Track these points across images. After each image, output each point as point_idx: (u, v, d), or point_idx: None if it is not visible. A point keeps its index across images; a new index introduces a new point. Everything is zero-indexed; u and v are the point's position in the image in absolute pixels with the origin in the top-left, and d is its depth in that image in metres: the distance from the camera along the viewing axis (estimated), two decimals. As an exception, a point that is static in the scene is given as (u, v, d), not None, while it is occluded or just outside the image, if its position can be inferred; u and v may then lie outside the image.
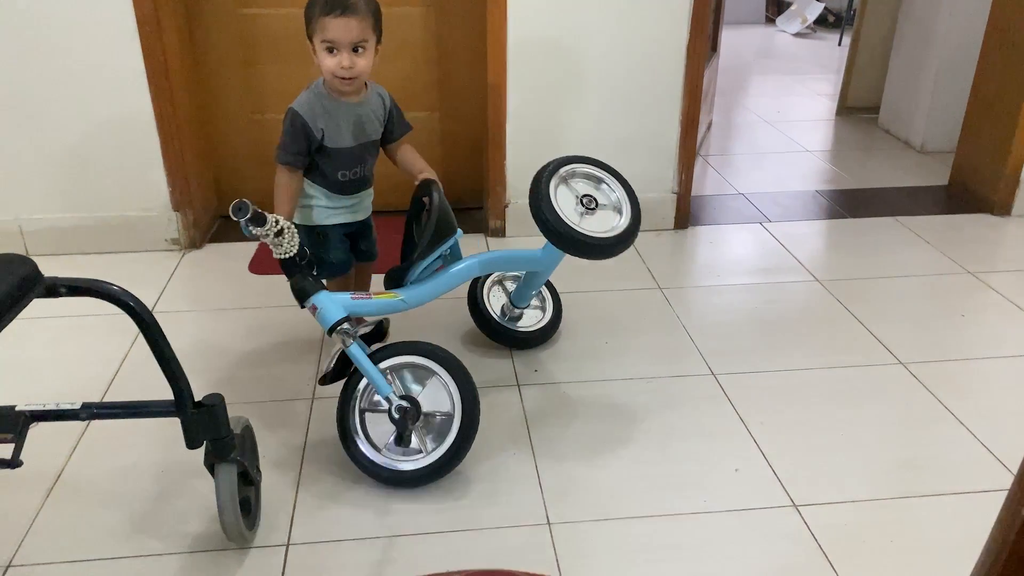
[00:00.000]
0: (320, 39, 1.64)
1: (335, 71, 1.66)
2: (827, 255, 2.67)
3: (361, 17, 1.62)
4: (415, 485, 1.60)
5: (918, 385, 1.94)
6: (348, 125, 1.75)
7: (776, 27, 6.79)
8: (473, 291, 2.07)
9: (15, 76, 2.36)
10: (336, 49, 1.64)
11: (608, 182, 1.85)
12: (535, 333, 2.08)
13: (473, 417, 1.58)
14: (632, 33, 2.54)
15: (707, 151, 3.67)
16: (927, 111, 3.58)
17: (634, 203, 1.83)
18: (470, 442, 1.59)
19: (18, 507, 1.54)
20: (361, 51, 1.66)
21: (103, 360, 2.01)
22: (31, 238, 2.54)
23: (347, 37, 1.62)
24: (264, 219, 1.49)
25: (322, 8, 1.62)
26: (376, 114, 1.81)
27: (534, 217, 1.73)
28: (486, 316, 2.05)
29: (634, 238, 1.78)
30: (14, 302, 1.08)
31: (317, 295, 1.60)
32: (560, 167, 1.80)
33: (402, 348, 1.64)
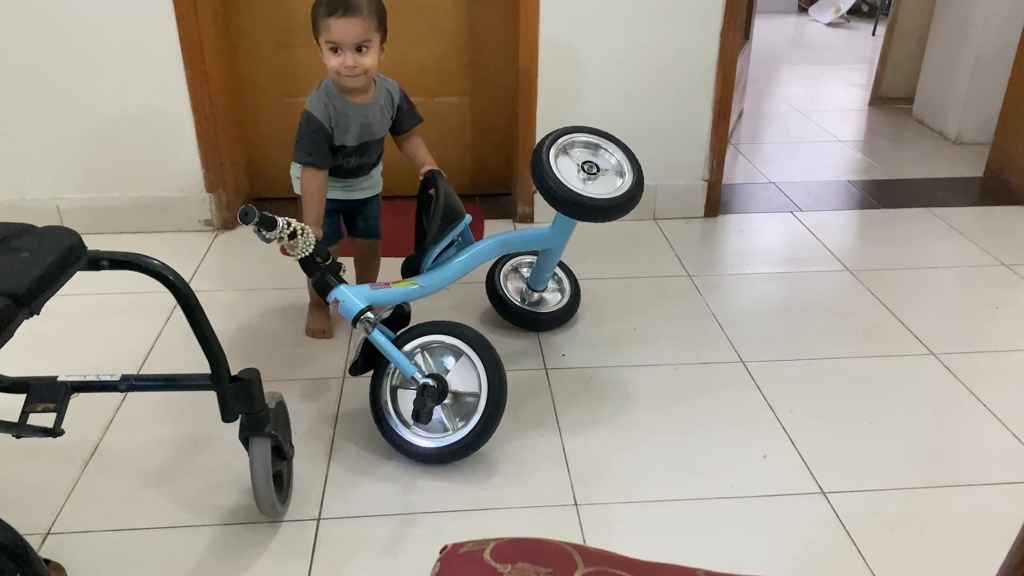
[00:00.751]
0: (324, 39, 1.68)
1: (340, 70, 1.68)
2: (858, 245, 2.65)
3: (364, 17, 1.65)
4: (441, 462, 1.61)
5: (949, 376, 1.92)
6: (356, 126, 1.78)
7: (809, 16, 6.71)
8: (491, 280, 2.10)
9: (53, 58, 2.40)
10: (340, 49, 1.67)
11: (606, 147, 1.88)
12: (556, 313, 2.10)
13: (499, 397, 1.59)
14: (666, 21, 2.53)
15: (738, 140, 3.65)
16: (963, 101, 3.53)
17: (635, 164, 1.86)
18: (496, 422, 1.60)
19: (58, 476, 1.58)
20: (365, 50, 1.68)
21: (139, 335, 2.05)
22: (68, 216, 2.59)
23: (350, 37, 1.65)
24: (275, 222, 1.52)
25: (325, 9, 1.65)
26: (384, 111, 1.84)
27: (539, 189, 1.78)
28: (505, 302, 2.08)
29: (639, 197, 1.82)
30: (61, 272, 1.11)
31: (337, 289, 1.63)
32: (558, 138, 1.84)
33: (429, 328, 1.66)
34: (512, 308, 2.08)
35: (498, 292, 2.08)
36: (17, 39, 2.37)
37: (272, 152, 2.85)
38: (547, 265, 2.04)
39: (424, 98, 2.79)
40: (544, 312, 2.10)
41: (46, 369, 1.38)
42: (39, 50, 2.39)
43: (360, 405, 1.76)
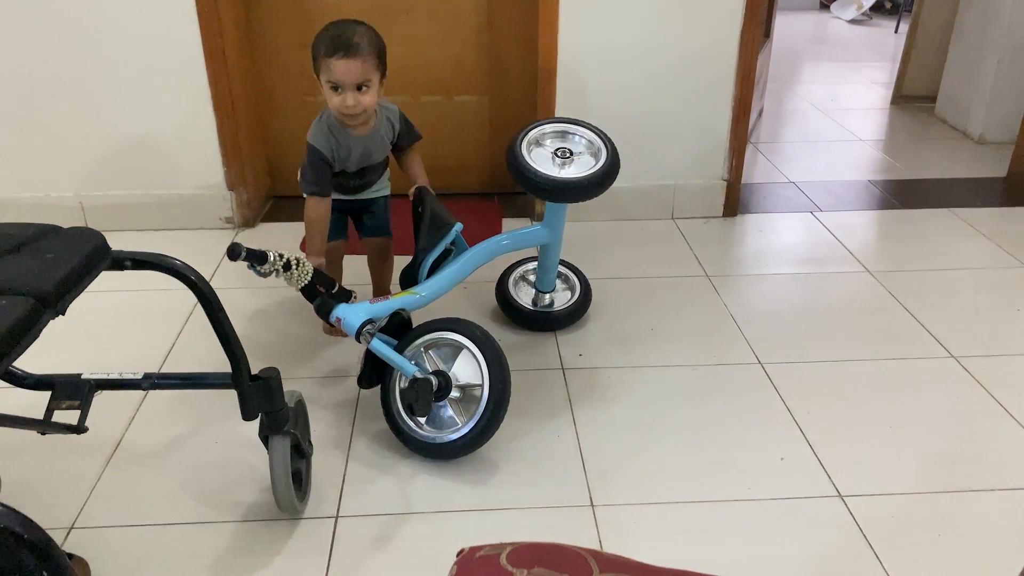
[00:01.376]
0: (325, 79, 1.70)
1: (340, 108, 1.72)
2: (879, 246, 2.63)
3: (364, 58, 1.68)
4: (450, 457, 1.63)
5: (970, 379, 1.91)
6: (356, 154, 1.84)
7: (831, 13, 6.66)
8: (501, 290, 2.13)
9: (77, 58, 2.43)
10: (341, 88, 1.70)
11: (575, 132, 1.93)
12: (568, 309, 2.11)
13: (501, 387, 1.59)
14: (685, 20, 2.52)
15: (758, 138, 3.63)
16: (987, 100, 3.49)
17: (608, 142, 1.90)
18: (501, 413, 1.60)
19: (81, 472, 1.61)
20: (365, 89, 1.71)
21: (161, 333, 2.07)
22: (91, 214, 2.62)
23: (350, 78, 1.68)
24: (264, 256, 1.57)
25: (326, 49, 1.67)
26: (385, 139, 1.89)
27: (519, 182, 1.84)
28: (518, 308, 2.11)
29: (617, 170, 1.86)
30: (86, 273, 1.13)
31: (337, 308, 1.67)
32: (528, 132, 1.90)
33: (428, 327, 1.68)
34: (525, 313, 2.11)
35: (509, 300, 2.11)
36: (41, 39, 2.40)
37: (292, 150, 2.87)
38: (549, 264, 2.07)
39: (442, 97, 2.80)
40: (556, 310, 2.11)
41: (70, 366, 1.41)
42: (63, 50, 2.42)
43: (378, 404, 1.77)
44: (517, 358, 1.99)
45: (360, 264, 2.16)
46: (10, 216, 2.55)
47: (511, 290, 2.14)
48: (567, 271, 2.21)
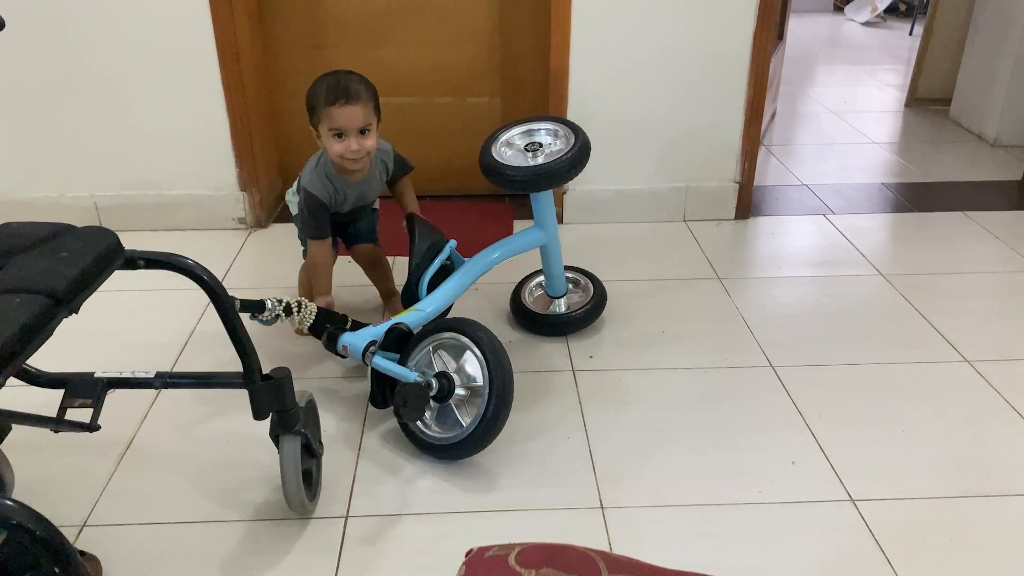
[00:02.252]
0: (327, 127, 1.75)
1: (344, 154, 1.76)
2: (892, 249, 2.62)
3: (364, 103, 1.73)
4: (456, 457, 1.63)
5: (984, 383, 1.89)
6: (351, 200, 1.89)
7: (845, 16, 6.63)
8: (517, 304, 2.13)
9: (92, 58, 2.45)
10: (344, 135, 1.74)
11: (539, 127, 1.95)
12: (583, 311, 2.09)
13: (502, 387, 1.57)
14: (698, 21, 2.51)
15: (771, 141, 3.62)
16: (1002, 103, 3.46)
17: (574, 127, 1.91)
18: (503, 412, 1.58)
19: (94, 470, 1.62)
20: (367, 133, 1.76)
21: (173, 332, 2.09)
22: (105, 214, 2.64)
23: (354, 123, 1.73)
24: (262, 305, 1.64)
25: (326, 99, 1.72)
26: (380, 179, 1.94)
27: (499, 183, 1.86)
28: (535, 317, 2.10)
29: (587, 151, 1.87)
30: (100, 272, 1.13)
31: (342, 337, 1.74)
32: (494, 140, 1.92)
33: (433, 329, 1.69)
34: (541, 320, 2.10)
35: (524, 310, 2.11)
36: (57, 40, 2.42)
37: (305, 151, 2.85)
38: (553, 266, 2.07)
39: (454, 98, 2.80)
40: (569, 313, 2.10)
41: (83, 364, 1.42)
42: (79, 51, 2.44)
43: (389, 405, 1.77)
44: (528, 360, 1.99)
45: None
46: (26, 215, 2.56)
47: (526, 300, 2.14)
48: (578, 276, 2.20)
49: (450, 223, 2.67)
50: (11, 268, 1.11)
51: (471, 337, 1.62)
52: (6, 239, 1.18)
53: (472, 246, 1.97)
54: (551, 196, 1.97)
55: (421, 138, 2.02)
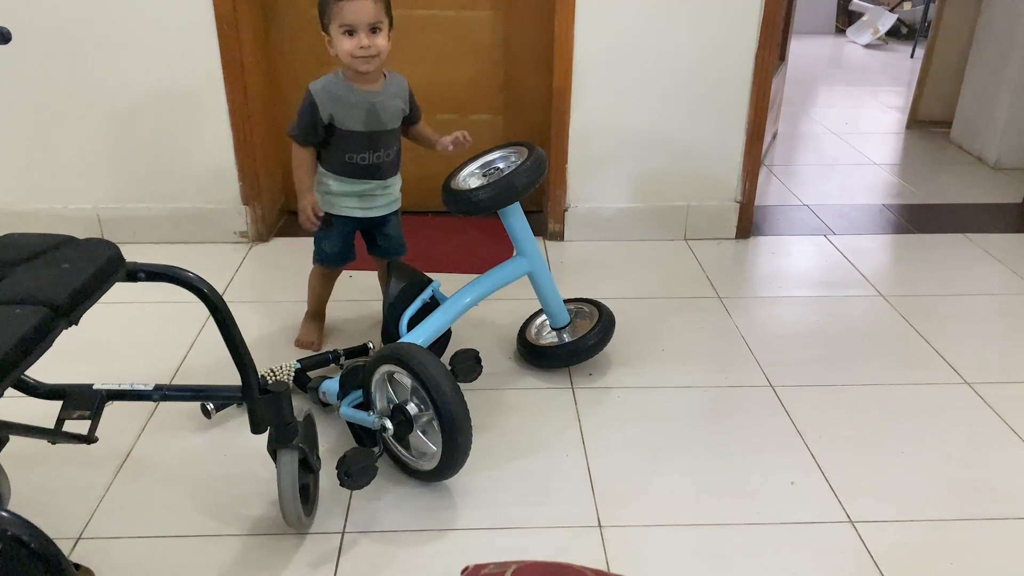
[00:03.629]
0: (338, 24, 1.71)
1: (354, 52, 1.72)
2: (893, 270, 2.62)
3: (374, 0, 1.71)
4: (433, 481, 1.61)
5: (983, 406, 1.89)
6: (360, 112, 1.81)
7: (846, 38, 6.67)
8: (525, 342, 2.04)
9: (97, 72, 2.46)
10: (354, 31, 1.71)
11: (491, 156, 1.89)
12: (596, 332, 1.99)
13: (448, 412, 1.47)
14: (700, 41, 2.53)
15: (772, 161, 3.63)
16: (1003, 126, 3.48)
17: (527, 145, 1.84)
18: (459, 437, 1.50)
19: (90, 482, 1.61)
20: (378, 31, 1.72)
21: (173, 344, 2.08)
22: (108, 226, 2.64)
23: (364, 18, 1.70)
24: None
25: None
26: (399, 98, 1.86)
27: (467, 211, 1.77)
28: (546, 351, 2.02)
29: (543, 163, 1.79)
30: (100, 284, 1.13)
31: (322, 385, 1.77)
32: (455, 175, 1.86)
33: (372, 362, 1.59)
34: (552, 354, 2.01)
35: (536, 348, 2.02)
36: (64, 53, 2.44)
37: (307, 166, 2.89)
38: (547, 296, 1.97)
39: (457, 115, 2.82)
40: (585, 339, 1.99)
41: (82, 376, 1.42)
42: (86, 64, 2.45)
43: (387, 420, 1.77)
44: (527, 377, 1.99)
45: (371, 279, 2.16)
46: (29, 227, 2.55)
47: (535, 336, 2.06)
48: (581, 305, 2.10)
49: (452, 240, 2.69)
50: (12, 279, 1.11)
51: (405, 366, 1.52)
52: (7, 250, 1.19)
53: (473, 264, 1.96)
54: (523, 219, 1.86)
55: (424, 154, 2.02)
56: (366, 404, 1.64)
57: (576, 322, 2.06)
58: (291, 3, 2.66)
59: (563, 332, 2.04)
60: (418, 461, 1.60)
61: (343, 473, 1.45)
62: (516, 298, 2.15)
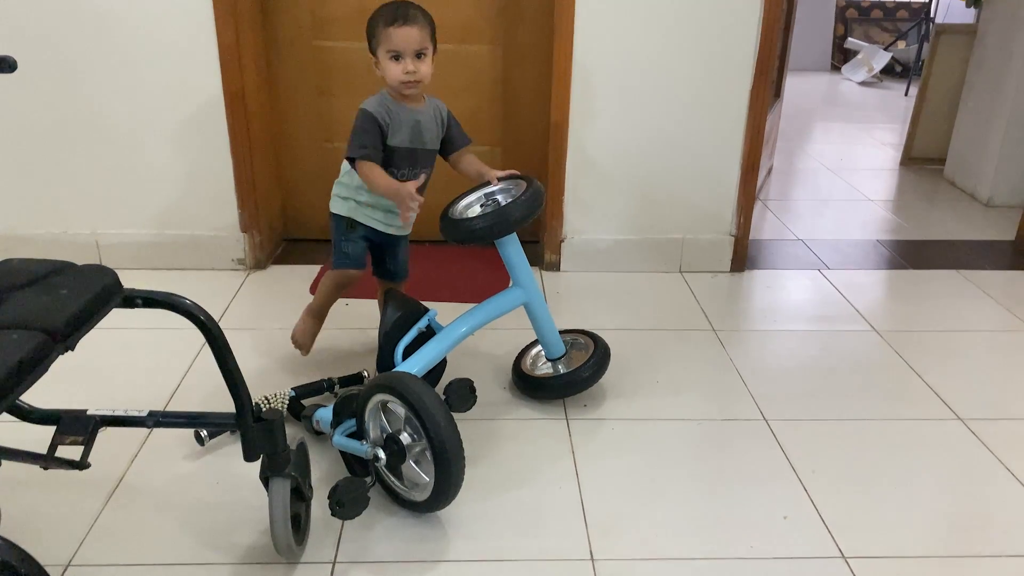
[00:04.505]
0: (385, 49, 1.79)
1: (400, 77, 1.79)
2: (886, 305, 2.63)
3: (421, 26, 1.78)
4: (425, 512, 1.60)
5: (977, 442, 1.89)
6: (407, 128, 1.85)
7: (842, 75, 6.75)
8: (520, 372, 2.04)
9: (99, 97, 2.49)
10: (401, 57, 1.78)
11: (490, 188, 1.89)
12: (591, 364, 1.99)
13: (440, 442, 1.47)
14: (697, 77, 2.57)
15: (767, 195, 3.66)
16: (995, 164, 3.52)
17: (526, 178, 1.86)
18: (452, 467, 1.49)
19: (81, 508, 1.60)
20: (423, 57, 1.80)
21: (169, 370, 2.09)
22: (106, 251, 2.66)
23: (410, 45, 1.77)
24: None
25: (386, 20, 1.77)
26: (435, 121, 1.91)
27: (468, 240, 1.77)
28: (541, 382, 2.02)
29: (540, 194, 1.80)
30: (98, 310, 1.14)
31: (316, 413, 1.77)
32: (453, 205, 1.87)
33: (366, 391, 1.59)
34: (547, 385, 2.01)
35: (533, 379, 2.02)
36: (66, 79, 2.46)
37: (307, 194, 2.91)
38: (543, 326, 1.97)
39: (456, 147, 2.84)
40: (580, 370, 1.99)
41: (76, 401, 1.42)
42: (88, 91, 2.48)
43: (380, 449, 1.77)
44: (521, 407, 1.99)
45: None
46: (28, 251, 2.57)
47: (531, 368, 2.06)
48: (577, 336, 2.10)
49: (448, 269, 2.70)
50: (10, 304, 1.12)
51: (399, 396, 1.52)
52: (6, 275, 1.20)
53: (470, 293, 1.97)
54: (520, 249, 1.87)
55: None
56: (359, 433, 1.64)
57: (572, 353, 2.06)
58: (293, 35, 2.70)
59: (558, 363, 2.04)
60: (410, 491, 1.60)
61: (335, 503, 1.45)
62: (511, 327, 2.16)
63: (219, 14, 2.40)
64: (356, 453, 1.63)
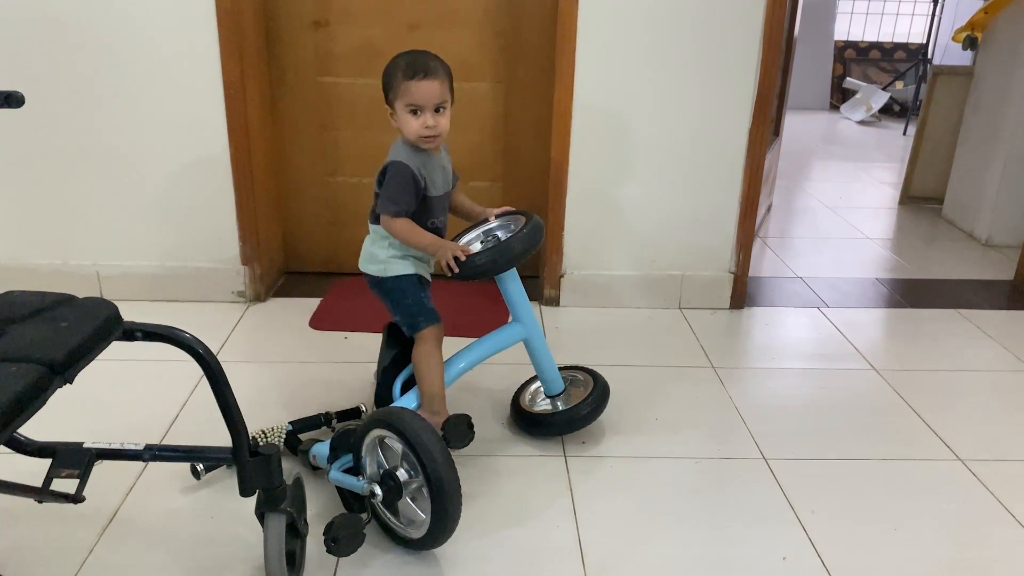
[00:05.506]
0: (404, 103, 1.69)
1: (420, 132, 1.70)
2: (886, 344, 2.63)
3: (441, 80, 1.70)
4: (426, 548, 1.58)
5: (977, 483, 1.88)
6: (439, 175, 1.79)
7: (840, 114, 6.81)
8: (518, 409, 2.04)
9: (104, 128, 2.51)
10: (420, 111, 1.69)
11: (488, 225, 1.89)
12: (590, 402, 1.98)
13: (438, 479, 1.46)
14: (695, 116, 2.59)
15: (766, 233, 3.67)
16: (993, 204, 3.54)
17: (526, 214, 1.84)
18: (449, 505, 1.48)
19: (75, 542, 1.59)
20: (442, 111, 1.72)
21: (166, 402, 2.08)
22: (107, 283, 2.66)
23: (430, 99, 1.69)
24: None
25: (405, 73, 1.68)
26: (449, 161, 1.88)
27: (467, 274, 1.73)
28: (539, 419, 2.01)
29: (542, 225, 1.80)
30: (98, 343, 1.14)
31: (312, 448, 1.79)
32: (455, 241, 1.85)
33: (363, 426, 1.59)
34: (545, 422, 2.00)
35: (531, 416, 2.01)
36: (72, 112, 2.49)
37: (308, 228, 2.93)
38: (542, 363, 1.97)
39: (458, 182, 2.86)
40: (580, 406, 1.98)
41: (73, 434, 1.41)
42: (93, 123, 2.50)
43: (377, 484, 1.76)
44: (519, 444, 1.99)
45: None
46: (30, 282, 2.59)
47: (529, 405, 2.05)
48: (576, 373, 2.09)
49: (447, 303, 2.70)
50: (10, 336, 1.12)
51: (396, 432, 1.51)
52: (7, 307, 1.20)
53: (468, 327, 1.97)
54: (520, 285, 1.87)
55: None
56: (356, 469, 1.63)
57: (570, 390, 2.05)
58: (297, 71, 2.73)
59: (557, 400, 2.03)
60: (407, 528, 1.58)
61: (330, 539, 1.44)
62: (510, 362, 2.15)
63: (225, 50, 2.44)
64: (352, 489, 1.62)
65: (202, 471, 1.75)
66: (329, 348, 2.41)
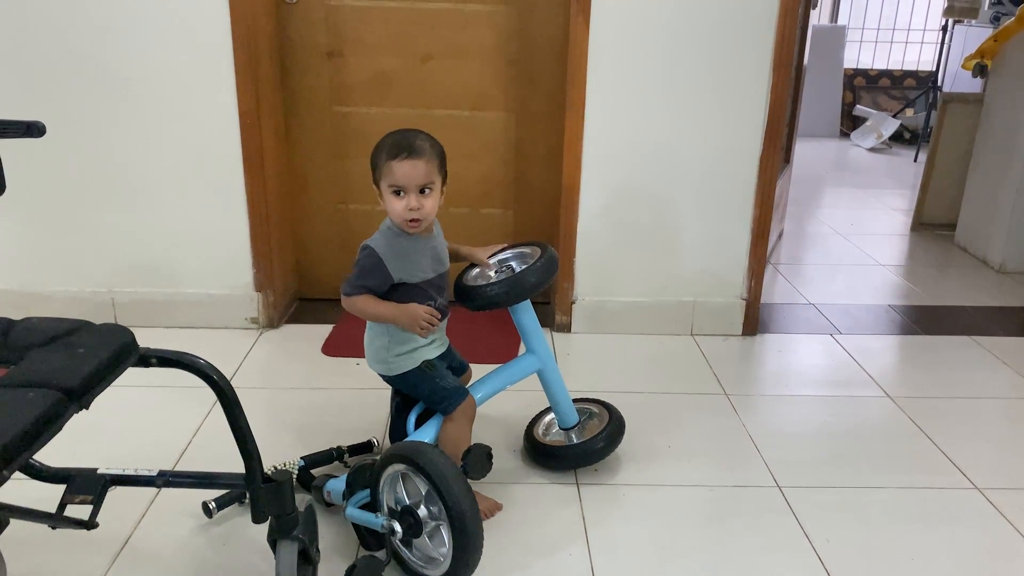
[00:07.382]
0: (387, 183, 1.64)
1: (403, 215, 1.63)
2: (900, 371, 2.62)
3: (427, 159, 1.63)
4: None
5: (995, 513, 1.86)
6: (427, 259, 1.73)
7: (851, 141, 6.82)
8: (532, 440, 2.02)
9: (119, 156, 2.54)
10: (403, 192, 1.63)
11: (504, 254, 1.89)
12: (605, 435, 1.96)
13: (460, 515, 1.45)
14: (707, 143, 2.61)
15: (778, 260, 3.67)
16: (1006, 230, 3.53)
17: (540, 245, 1.84)
18: (470, 542, 1.47)
19: (88, 568, 1.59)
20: (428, 192, 1.64)
21: (180, 427, 2.09)
22: (121, 310, 2.68)
23: (414, 180, 1.62)
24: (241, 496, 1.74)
25: (388, 152, 1.63)
26: (441, 236, 1.81)
27: (482, 305, 1.76)
28: (553, 451, 1.99)
29: (556, 257, 1.81)
30: (113, 368, 1.15)
31: (327, 484, 1.77)
32: (466, 273, 1.87)
33: (382, 461, 1.58)
34: (559, 455, 1.98)
35: (545, 448, 1.99)
36: (85, 137, 2.52)
37: (321, 254, 2.95)
38: (556, 395, 1.95)
39: (470, 209, 2.89)
40: (586, 441, 1.97)
41: (86, 459, 1.42)
42: (106, 149, 2.54)
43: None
44: (532, 472, 1.98)
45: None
46: (46, 309, 2.62)
47: (542, 437, 2.03)
48: (591, 406, 2.08)
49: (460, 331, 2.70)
50: (28, 362, 1.13)
51: (417, 467, 1.49)
52: (25, 334, 1.21)
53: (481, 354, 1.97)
54: (534, 316, 1.87)
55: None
56: (373, 505, 1.60)
57: (585, 423, 2.03)
58: (311, 101, 2.77)
59: (571, 432, 2.01)
60: (426, 566, 1.56)
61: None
62: (524, 390, 2.15)
63: (240, 80, 2.47)
64: (370, 526, 1.60)
65: (214, 509, 1.74)
66: (342, 374, 2.41)
